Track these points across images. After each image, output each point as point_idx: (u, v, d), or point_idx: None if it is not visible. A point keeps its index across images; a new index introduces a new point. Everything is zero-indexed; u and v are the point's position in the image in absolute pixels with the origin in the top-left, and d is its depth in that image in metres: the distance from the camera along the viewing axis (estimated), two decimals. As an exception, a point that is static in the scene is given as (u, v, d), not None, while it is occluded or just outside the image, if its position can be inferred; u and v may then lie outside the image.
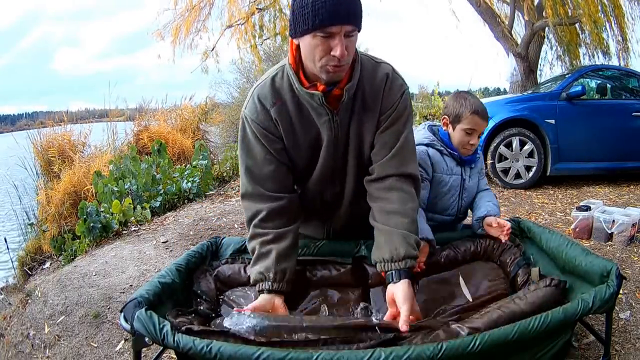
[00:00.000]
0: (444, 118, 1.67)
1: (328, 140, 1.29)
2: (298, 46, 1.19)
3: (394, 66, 1.33)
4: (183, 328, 0.98)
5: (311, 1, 1.09)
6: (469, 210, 1.76)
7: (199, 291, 1.32)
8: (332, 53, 1.11)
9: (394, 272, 1.21)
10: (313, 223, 1.56)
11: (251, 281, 1.28)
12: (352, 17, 1.11)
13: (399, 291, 1.17)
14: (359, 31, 1.17)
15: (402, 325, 1.09)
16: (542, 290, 1.15)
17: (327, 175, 1.37)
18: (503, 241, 1.50)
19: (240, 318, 1.05)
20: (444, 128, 1.68)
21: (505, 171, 4.05)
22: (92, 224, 3.22)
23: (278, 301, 1.24)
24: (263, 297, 1.23)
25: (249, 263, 1.38)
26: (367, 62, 1.29)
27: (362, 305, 1.29)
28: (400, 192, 1.29)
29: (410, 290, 1.18)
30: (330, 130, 1.28)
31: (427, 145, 1.64)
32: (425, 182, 1.59)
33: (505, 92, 7.90)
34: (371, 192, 1.33)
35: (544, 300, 1.12)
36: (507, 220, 1.58)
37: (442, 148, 1.64)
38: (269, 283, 1.24)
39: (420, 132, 1.70)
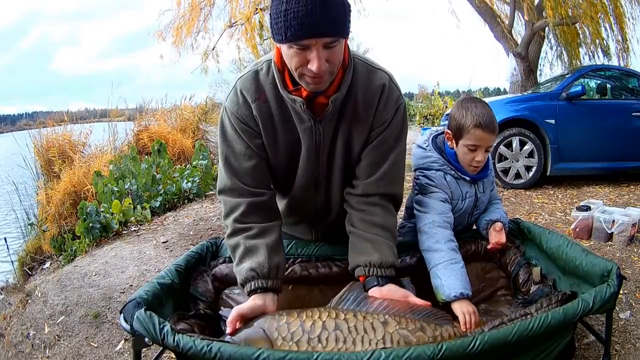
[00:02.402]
0: (447, 133, 1.50)
1: (308, 148, 1.23)
2: None
3: (392, 74, 1.24)
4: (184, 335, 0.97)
5: (284, 9, 0.98)
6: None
7: (196, 293, 1.31)
8: (308, 66, 1.03)
9: (380, 277, 1.19)
10: (301, 226, 1.51)
11: (239, 280, 1.17)
12: (329, 28, 0.99)
13: (393, 290, 1.17)
14: (344, 38, 1.06)
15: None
16: (555, 307, 1.12)
17: (310, 183, 1.31)
18: (489, 247, 1.48)
19: None
20: (449, 144, 1.51)
21: (505, 171, 4.05)
22: (92, 224, 3.22)
23: (272, 302, 1.14)
24: (256, 299, 1.12)
25: None
26: (362, 67, 1.20)
27: None
28: (383, 208, 1.27)
29: (398, 287, 1.19)
30: (311, 138, 1.21)
31: (441, 171, 1.48)
32: (447, 203, 1.46)
33: (505, 92, 7.91)
34: (352, 203, 1.29)
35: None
36: (509, 221, 1.58)
37: (453, 172, 1.48)
38: (263, 281, 1.13)
39: (428, 151, 1.52)
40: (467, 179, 1.49)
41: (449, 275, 1.28)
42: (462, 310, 1.23)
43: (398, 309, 1.12)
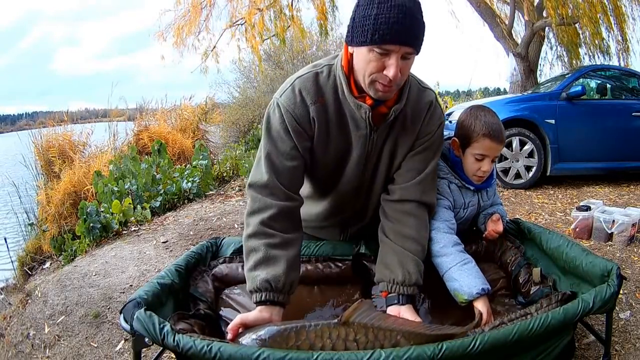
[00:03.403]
0: (454, 141, 1.47)
1: (359, 155, 1.25)
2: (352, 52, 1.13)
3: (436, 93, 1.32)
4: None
5: (374, 13, 1.02)
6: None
7: (196, 293, 1.31)
8: (385, 72, 1.06)
9: (401, 295, 1.21)
10: (331, 229, 1.51)
11: (249, 287, 1.15)
12: (413, 38, 1.05)
13: (405, 313, 1.17)
14: (417, 54, 1.10)
15: None
16: (555, 307, 1.11)
17: (352, 189, 1.34)
18: (485, 234, 1.48)
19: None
20: (455, 153, 1.47)
21: (505, 171, 4.05)
22: (92, 224, 3.22)
23: (278, 315, 1.13)
24: (263, 311, 1.11)
25: None
26: (414, 84, 1.26)
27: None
28: (417, 218, 1.28)
29: (415, 314, 1.20)
30: (364, 146, 1.24)
31: (445, 179, 1.47)
32: (450, 210, 1.45)
33: (505, 92, 7.90)
34: (387, 211, 1.31)
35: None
36: (508, 222, 1.58)
37: (457, 181, 1.47)
38: (275, 294, 1.12)
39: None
40: (472, 188, 1.48)
41: (466, 275, 1.28)
42: (486, 309, 1.24)
43: (413, 328, 1.06)
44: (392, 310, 1.19)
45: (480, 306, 1.24)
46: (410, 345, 1.00)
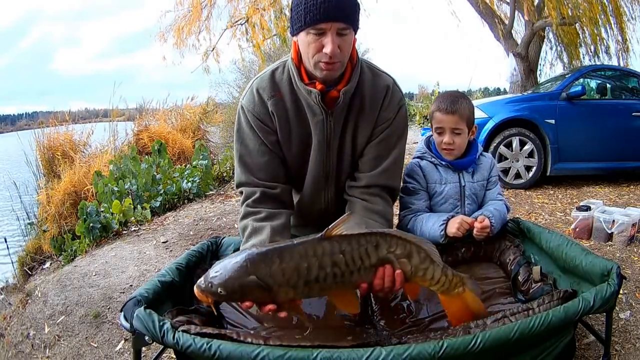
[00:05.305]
0: (431, 124, 1.63)
1: (319, 141, 1.31)
2: None
3: (395, 79, 1.35)
4: (180, 328, 0.97)
5: (304, 1, 1.14)
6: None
7: None
8: (323, 50, 1.15)
9: None
10: (311, 228, 1.52)
11: None
12: (342, 15, 1.14)
13: None
14: (354, 31, 1.19)
15: None
16: (557, 303, 1.11)
17: (320, 178, 1.38)
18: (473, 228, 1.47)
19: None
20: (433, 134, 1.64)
21: (505, 171, 4.05)
22: (92, 224, 3.21)
23: None
24: None
25: None
26: (367, 70, 1.32)
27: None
28: (383, 199, 1.37)
29: None
30: (322, 131, 1.30)
31: (419, 157, 1.63)
32: (420, 192, 1.58)
33: (505, 92, 7.90)
34: (353, 193, 1.38)
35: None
36: (509, 220, 1.58)
37: (433, 159, 1.59)
38: None
39: (419, 145, 1.68)
40: (443, 163, 1.57)
41: (426, 232, 1.45)
42: (452, 231, 1.41)
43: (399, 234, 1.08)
44: None
45: (453, 230, 1.40)
46: (388, 249, 1.04)
